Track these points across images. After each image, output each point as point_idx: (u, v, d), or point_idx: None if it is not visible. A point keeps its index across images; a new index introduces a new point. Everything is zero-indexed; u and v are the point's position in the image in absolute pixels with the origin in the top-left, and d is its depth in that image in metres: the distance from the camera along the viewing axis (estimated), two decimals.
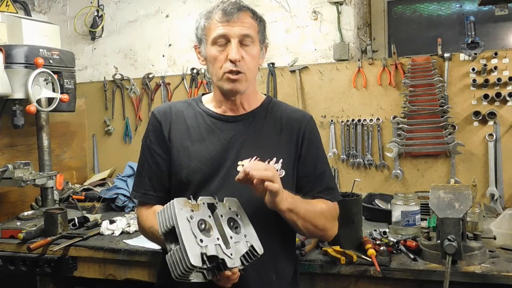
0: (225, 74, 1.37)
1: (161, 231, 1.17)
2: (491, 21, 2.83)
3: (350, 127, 2.73)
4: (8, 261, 2.05)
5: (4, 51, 2.22)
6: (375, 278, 1.67)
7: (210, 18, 1.38)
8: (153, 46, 3.23)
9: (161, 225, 1.17)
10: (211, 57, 1.39)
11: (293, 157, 1.45)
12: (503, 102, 2.45)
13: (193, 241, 1.11)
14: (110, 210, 2.66)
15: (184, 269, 1.09)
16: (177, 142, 1.45)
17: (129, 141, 3.22)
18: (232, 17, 1.34)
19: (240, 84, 1.38)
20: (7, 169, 2.21)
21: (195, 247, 1.10)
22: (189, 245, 1.09)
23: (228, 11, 1.34)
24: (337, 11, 2.80)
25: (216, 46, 1.37)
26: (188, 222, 1.13)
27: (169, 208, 1.17)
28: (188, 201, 1.20)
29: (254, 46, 1.39)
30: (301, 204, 1.33)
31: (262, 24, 1.43)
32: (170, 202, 1.18)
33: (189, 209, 1.17)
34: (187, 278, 1.12)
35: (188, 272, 1.10)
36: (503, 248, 1.77)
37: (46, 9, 3.43)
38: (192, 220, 1.14)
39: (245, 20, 1.36)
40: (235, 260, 1.16)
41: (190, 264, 1.07)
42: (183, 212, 1.15)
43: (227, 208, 1.25)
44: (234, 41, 1.35)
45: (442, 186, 1.74)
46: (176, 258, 1.11)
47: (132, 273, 1.99)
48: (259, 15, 1.42)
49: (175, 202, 1.16)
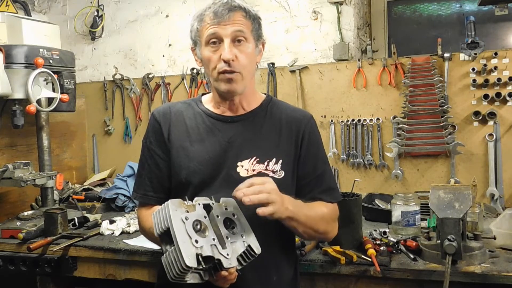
0: (220, 74, 1.36)
1: (156, 233, 1.17)
2: (491, 21, 2.83)
3: (350, 127, 2.73)
4: (8, 261, 2.05)
5: (4, 51, 2.22)
6: (375, 278, 1.67)
7: (202, 21, 1.38)
8: (153, 46, 3.23)
9: (157, 227, 1.17)
10: (206, 58, 1.38)
11: (293, 157, 1.45)
12: (503, 102, 2.45)
13: (188, 242, 1.11)
14: (110, 210, 2.66)
15: (180, 270, 1.08)
16: (176, 143, 1.44)
17: (129, 141, 3.22)
18: (223, 18, 1.33)
19: (236, 84, 1.37)
20: (7, 169, 2.21)
21: (190, 248, 1.10)
22: (184, 246, 1.09)
23: (219, 12, 1.34)
24: (337, 11, 2.80)
25: (210, 47, 1.37)
26: (183, 223, 1.13)
27: (163, 209, 1.16)
28: (183, 202, 1.20)
29: (248, 44, 1.38)
30: (302, 210, 1.32)
31: (256, 21, 1.42)
32: (165, 203, 1.17)
33: (184, 210, 1.17)
34: (183, 279, 1.11)
35: (184, 273, 1.10)
36: (503, 248, 1.77)
37: (46, 9, 3.43)
38: (187, 221, 1.14)
39: (237, 20, 1.35)
40: (231, 260, 1.15)
41: (185, 265, 1.07)
42: (177, 213, 1.14)
43: (223, 208, 1.24)
44: (227, 40, 1.34)
45: (442, 186, 1.74)
46: (171, 259, 1.11)
47: (132, 273, 1.99)
48: (252, 13, 1.40)
49: (169, 203, 1.16)
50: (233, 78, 1.36)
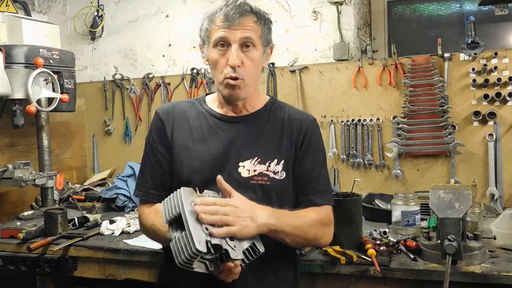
0: (225, 79, 1.36)
1: (166, 219, 1.18)
2: (491, 21, 2.83)
3: (350, 127, 2.73)
4: (8, 261, 2.05)
5: (4, 51, 2.21)
6: (375, 278, 1.67)
7: (212, 22, 1.37)
8: (153, 46, 3.23)
9: (167, 213, 1.18)
10: (212, 60, 1.39)
11: (293, 158, 1.45)
12: (503, 102, 2.45)
13: (198, 228, 1.13)
14: (110, 210, 2.66)
15: (190, 254, 1.09)
16: (179, 142, 1.45)
17: (129, 141, 3.22)
18: (233, 22, 1.33)
19: (239, 90, 1.37)
20: (7, 169, 2.21)
21: (200, 233, 1.12)
22: (195, 231, 1.11)
23: (230, 16, 1.33)
24: (337, 11, 2.80)
25: (217, 50, 1.37)
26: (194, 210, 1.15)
27: (175, 196, 1.18)
28: (194, 192, 1.22)
29: (256, 50, 1.38)
30: (286, 221, 1.31)
31: (267, 26, 1.41)
32: (177, 190, 1.19)
33: (195, 198, 1.19)
34: (191, 265, 1.12)
35: (193, 259, 1.10)
36: (503, 248, 1.77)
37: (46, 9, 3.44)
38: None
39: (247, 25, 1.35)
40: (238, 253, 1.16)
41: (196, 249, 1.08)
42: (189, 200, 1.17)
43: None
44: (235, 45, 1.34)
45: (442, 186, 1.74)
46: (181, 243, 1.12)
47: (132, 273, 1.99)
48: (264, 17, 1.40)
49: (182, 190, 1.18)
50: (237, 84, 1.36)
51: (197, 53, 3.06)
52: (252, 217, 1.22)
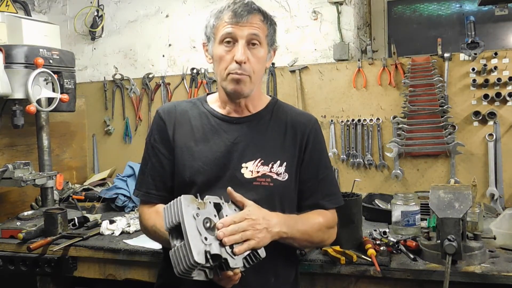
0: (229, 75, 1.36)
1: (166, 227, 1.18)
2: (491, 21, 2.83)
3: (350, 127, 2.73)
4: (8, 261, 2.05)
5: (4, 51, 2.21)
6: (375, 278, 1.66)
7: (220, 18, 1.38)
8: (153, 46, 3.23)
9: (167, 221, 1.17)
10: (218, 56, 1.39)
11: (296, 160, 1.45)
12: (503, 102, 2.45)
13: (197, 238, 1.12)
14: (110, 210, 2.65)
15: (188, 265, 1.09)
16: (181, 142, 1.44)
17: (129, 141, 3.22)
18: (242, 19, 1.34)
19: (244, 85, 1.37)
20: (7, 169, 2.21)
21: (199, 244, 1.11)
22: (193, 242, 1.10)
23: (238, 12, 1.34)
24: (337, 11, 2.80)
25: (223, 46, 1.37)
26: (194, 219, 1.14)
27: (176, 204, 1.17)
28: (195, 199, 1.21)
29: (262, 48, 1.39)
30: (295, 227, 1.33)
31: (272, 27, 1.43)
32: (177, 198, 1.18)
33: (196, 207, 1.17)
34: (190, 275, 1.12)
35: (191, 269, 1.10)
36: (503, 248, 1.77)
37: (46, 9, 3.43)
38: (198, 217, 1.15)
39: (254, 23, 1.36)
40: (237, 261, 1.16)
41: (194, 261, 1.08)
42: (189, 209, 1.15)
43: (233, 209, 1.25)
44: (241, 42, 1.35)
45: (442, 186, 1.74)
46: (180, 254, 1.11)
47: (132, 273, 1.99)
48: (270, 18, 1.42)
49: (182, 198, 1.17)
50: (242, 79, 1.36)
51: (197, 53, 3.07)
52: (267, 228, 1.23)
